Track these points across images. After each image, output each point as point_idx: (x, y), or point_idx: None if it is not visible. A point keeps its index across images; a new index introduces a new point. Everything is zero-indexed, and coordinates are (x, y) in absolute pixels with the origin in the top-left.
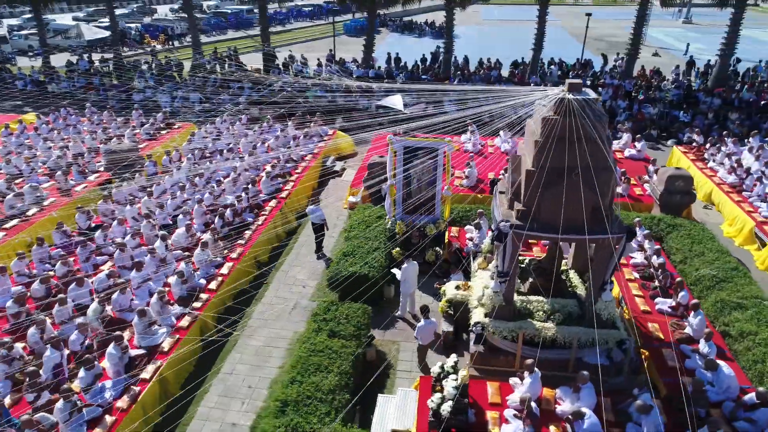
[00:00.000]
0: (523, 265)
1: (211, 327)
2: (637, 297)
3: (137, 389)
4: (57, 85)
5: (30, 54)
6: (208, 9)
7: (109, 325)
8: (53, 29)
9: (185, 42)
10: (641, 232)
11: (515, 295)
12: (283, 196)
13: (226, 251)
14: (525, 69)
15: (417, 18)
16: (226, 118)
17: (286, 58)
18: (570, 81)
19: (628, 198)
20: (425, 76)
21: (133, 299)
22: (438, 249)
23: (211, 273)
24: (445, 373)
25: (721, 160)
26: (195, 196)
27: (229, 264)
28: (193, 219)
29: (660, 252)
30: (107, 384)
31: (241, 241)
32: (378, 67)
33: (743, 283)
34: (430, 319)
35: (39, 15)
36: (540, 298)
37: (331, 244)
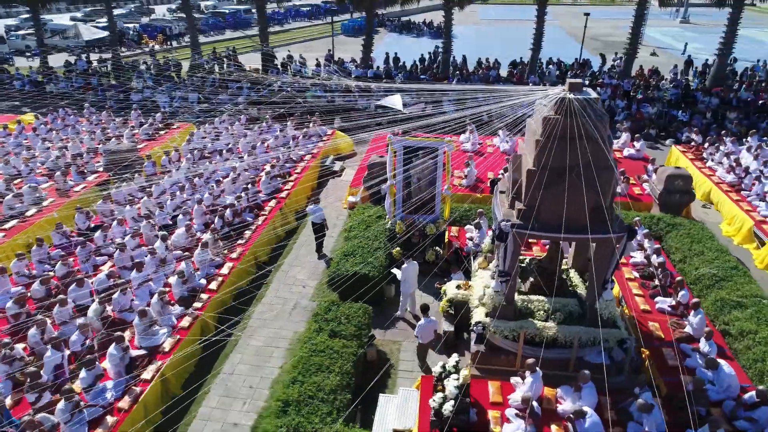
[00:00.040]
0: (524, 265)
1: (212, 327)
2: (637, 296)
3: (138, 390)
4: (55, 86)
5: (27, 54)
6: (205, 9)
7: (110, 326)
8: (50, 29)
9: (183, 42)
10: (641, 231)
11: (516, 295)
12: (283, 196)
13: (226, 251)
14: (523, 69)
15: (415, 18)
16: (224, 118)
17: (284, 58)
18: (571, 81)
19: (627, 197)
20: (424, 76)
21: (134, 300)
22: (438, 249)
23: (212, 273)
24: (447, 373)
25: (720, 159)
26: (195, 196)
27: (230, 264)
28: (193, 219)
29: (660, 251)
30: (108, 384)
31: (241, 241)
32: (377, 67)
33: (743, 282)
34: (430, 318)
35: (37, 15)
36: (541, 297)
37: (331, 244)
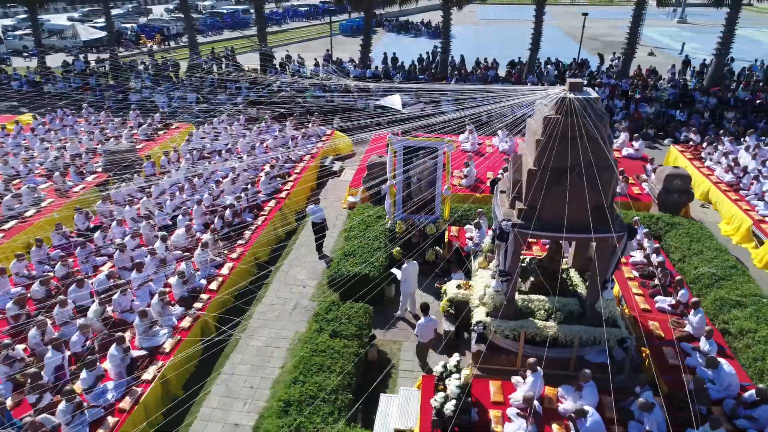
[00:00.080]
0: (524, 264)
1: (212, 328)
2: (637, 295)
3: (139, 390)
4: (53, 86)
5: (25, 54)
6: (203, 9)
7: (111, 327)
8: (48, 29)
9: (181, 42)
10: (640, 230)
11: (516, 294)
12: (282, 196)
13: (226, 251)
14: (522, 69)
15: (413, 18)
16: (223, 118)
17: (283, 58)
18: (571, 80)
19: (627, 197)
20: (422, 76)
21: (134, 300)
22: (438, 249)
23: (212, 273)
24: (448, 373)
25: (718, 158)
26: (194, 196)
27: (230, 264)
28: (193, 219)
29: (659, 250)
30: (109, 385)
31: (241, 242)
32: (375, 68)
33: (742, 281)
34: (430, 317)
35: (34, 15)
36: (541, 297)
37: (331, 244)
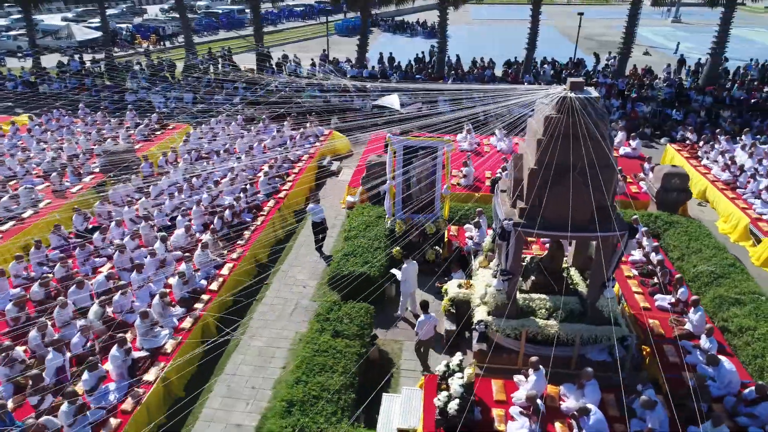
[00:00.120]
0: (524, 263)
1: (213, 328)
2: (637, 294)
3: (141, 391)
4: (48, 86)
5: (19, 55)
6: (198, 9)
7: (111, 328)
8: (42, 30)
9: (177, 42)
10: (639, 229)
11: (517, 293)
12: (281, 196)
13: (226, 252)
14: (518, 68)
15: (409, 18)
16: (221, 118)
17: (279, 58)
18: (572, 80)
19: (626, 196)
20: (419, 75)
21: (134, 301)
22: (438, 248)
23: (212, 274)
24: (451, 372)
25: (715, 157)
26: (193, 197)
27: (230, 264)
28: (192, 220)
29: (658, 249)
30: (111, 386)
31: (241, 242)
32: (372, 67)
33: (741, 279)
34: (430, 315)
35: (29, 15)
36: (542, 295)
37: (330, 244)
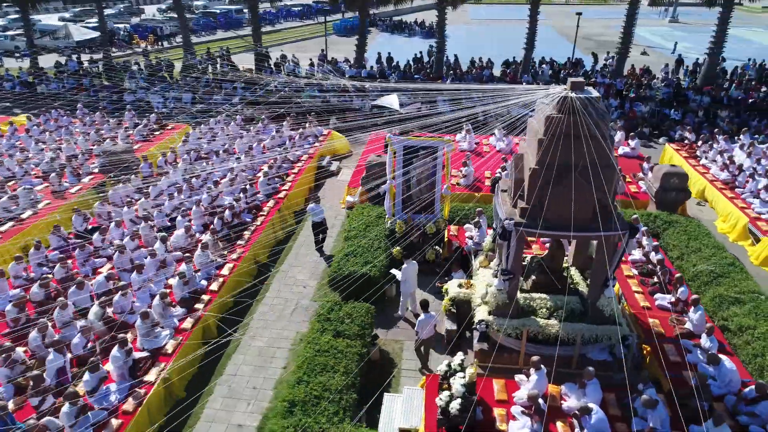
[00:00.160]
0: (525, 263)
1: (214, 328)
2: (637, 293)
3: (142, 392)
4: (46, 87)
5: (17, 55)
6: (196, 9)
7: (112, 328)
8: (39, 30)
9: (174, 42)
10: (640, 228)
11: (518, 293)
12: (281, 196)
13: (226, 252)
14: (517, 68)
15: (407, 18)
16: (220, 119)
17: (278, 58)
18: (572, 80)
19: (626, 196)
20: (418, 75)
21: (134, 302)
22: (438, 248)
23: (212, 274)
24: (453, 371)
25: (714, 157)
26: (193, 197)
27: (230, 265)
28: (192, 220)
29: (658, 248)
30: (112, 387)
31: (241, 242)
32: (370, 68)
33: (740, 279)
34: (430, 313)
35: (26, 15)
36: (543, 295)
37: (330, 244)
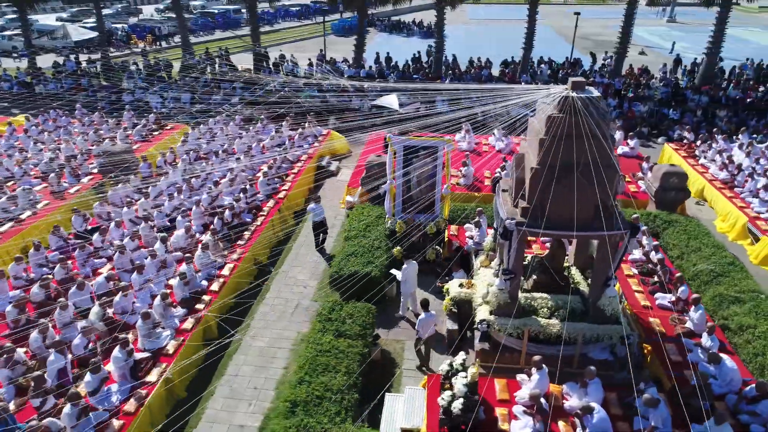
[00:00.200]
0: (526, 262)
1: (215, 329)
2: (637, 292)
3: (144, 392)
4: (44, 87)
5: (14, 55)
6: (194, 9)
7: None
8: (37, 30)
9: (173, 42)
10: (641, 228)
11: (519, 292)
12: (281, 196)
13: (226, 252)
14: (515, 68)
15: (405, 17)
16: (219, 119)
17: (276, 58)
18: (573, 79)
19: (627, 196)
20: (416, 75)
21: (135, 302)
22: (438, 248)
23: (213, 274)
24: (454, 371)
25: (713, 156)
26: (193, 197)
27: (231, 265)
28: (192, 221)
29: (658, 248)
30: (113, 388)
31: (241, 242)
32: (369, 67)
33: (740, 278)
34: (430, 312)
35: (24, 15)
36: (544, 294)
37: (330, 244)
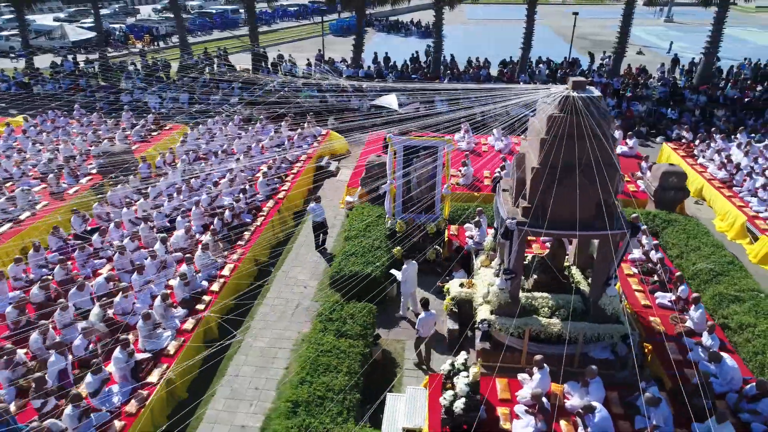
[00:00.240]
0: (527, 262)
1: (215, 329)
2: (638, 292)
3: (145, 393)
4: (42, 87)
5: (12, 56)
6: (191, 9)
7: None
8: (34, 30)
9: (170, 42)
10: (641, 227)
11: (519, 292)
12: (281, 196)
13: (226, 253)
14: (514, 68)
15: (403, 17)
16: (218, 119)
17: (275, 58)
18: (574, 79)
19: (627, 195)
20: (415, 75)
21: (135, 303)
22: (438, 248)
23: (213, 275)
24: (456, 371)
25: (711, 156)
26: (192, 198)
27: (231, 265)
28: (192, 221)
29: (658, 247)
30: (114, 389)
31: (241, 243)
32: (368, 67)
33: (740, 277)
34: (430, 312)
35: (22, 15)
36: (545, 294)
37: (330, 244)
